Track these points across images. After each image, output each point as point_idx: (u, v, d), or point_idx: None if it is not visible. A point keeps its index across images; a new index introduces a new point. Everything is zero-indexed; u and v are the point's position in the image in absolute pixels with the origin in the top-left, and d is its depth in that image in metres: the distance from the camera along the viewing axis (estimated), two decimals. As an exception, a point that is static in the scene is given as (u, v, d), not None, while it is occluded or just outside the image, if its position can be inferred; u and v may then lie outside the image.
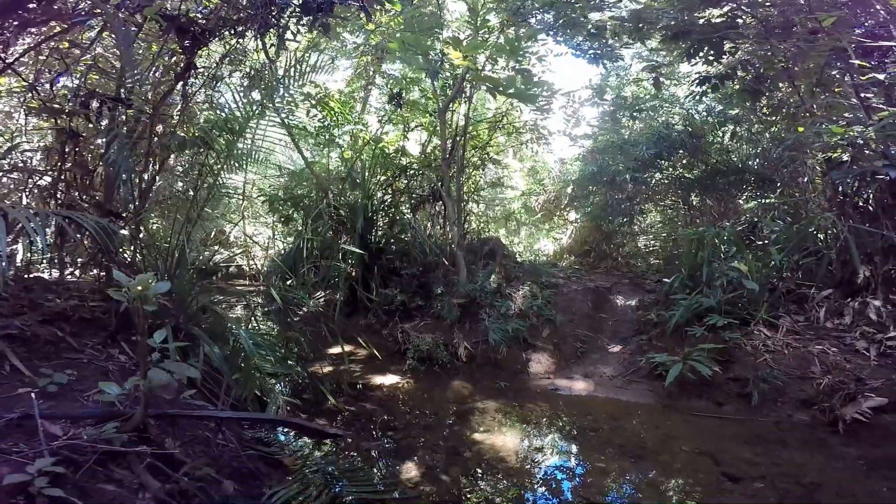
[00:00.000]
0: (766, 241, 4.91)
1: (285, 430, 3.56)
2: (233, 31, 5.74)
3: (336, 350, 5.39)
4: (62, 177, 4.97)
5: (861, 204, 4.25)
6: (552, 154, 9.21)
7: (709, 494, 3.03)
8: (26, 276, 4.55)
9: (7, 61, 4.78)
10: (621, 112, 8.61)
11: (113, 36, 5.07)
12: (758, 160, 7.41)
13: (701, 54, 7.04)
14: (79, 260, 4.91)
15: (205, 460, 2.41)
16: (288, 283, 5.94)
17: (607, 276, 7.10)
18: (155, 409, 2.32)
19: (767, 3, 6.19)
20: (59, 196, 4.91)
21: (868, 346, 3.96)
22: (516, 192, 10.32)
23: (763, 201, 6.75)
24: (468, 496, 3.11)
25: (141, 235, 4.56)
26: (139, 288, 1.98)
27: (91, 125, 4.75)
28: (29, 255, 4.96)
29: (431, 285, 6.21)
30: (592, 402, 4.67)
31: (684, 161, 7.94)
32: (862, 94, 4.41)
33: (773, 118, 6.61)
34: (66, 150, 4.97)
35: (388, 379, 5.06)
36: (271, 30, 5.83)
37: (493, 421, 4.23)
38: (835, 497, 2.90)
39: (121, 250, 4.10)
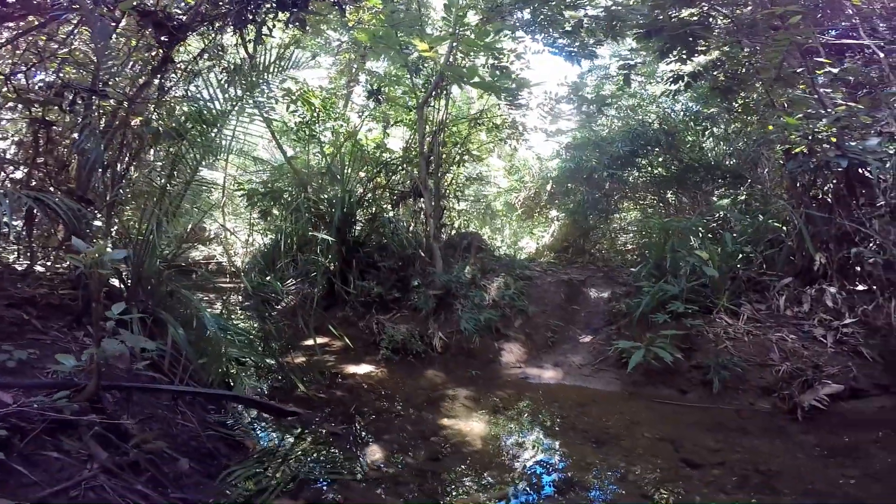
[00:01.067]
0: (735, 234, 5.04)
1: (250, 412, 3.60)
2: (211, 27, 5.80)
3: (311, 342, 5.45)
4: (36, 168, 4.98)
5: (819, 195, 4.38)
6: (532, 151, 9.33)
7: (667, 480, 3.07)
8: (-6, 263, 4.54)
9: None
10: (597, 109, 8.74)
11: (90, 30, 5.11)
12: (732, 157, 7.57)
13: (674, 53, 7.19)
14: (50, 250, 4.91)
15: (156, 434, 2.44)
16: (267, 278, 5.97)
17: (583, 270, 7.21)
18: (110, 381, 2.36)
19: (739, 3, 6.36)
20: (32, 186, 4.91)
21: (825, 333, 4.08)
22: (498, 189, 10.42)
23: (737, 197, 6.89)
24: (430, 477, 3.15)
25: (115, 228, 4.58)
26: (95, 254, 2.02)
27: (64, 114, 4.78)
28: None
29: (409, 278, 6.28)
30: (560, 390, 4.76)
31: (660, 159, 8.09)
32: (820, 90, 4.54)
33: (745, 116, 6.77)
34: (40, 140, 4.98)
35: (362, 368, 5.11)
36: (250, 26, 5.90)
37: (462, 408, 4.29)
38: (792, 484, 2.93)
39: (94, 240, 4.12)
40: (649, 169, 8.32)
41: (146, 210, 4.28)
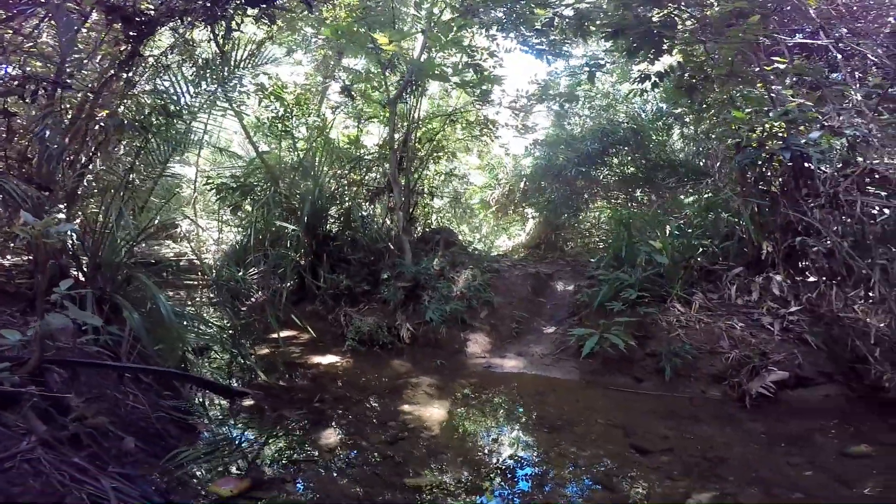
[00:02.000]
0: (691, 228, 5.20)
1: (206, 398, 3.62)
2: (180, 21, 5.80)
3: (282, 334, 5.48)
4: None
5: (767, 187, 4.54)
6: (504, 149, 9.45)
7: (616, 466, 3.13)
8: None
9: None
10: (561, 106, 8.88)
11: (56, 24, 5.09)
12: (700, 156, 7.77)
13: (641, 52, 7.37)
14: (8, 241, 4.87)
15: (100, 411, 2.46)
16: (240, 273, 5.97)
17: (552, 265, 7.33)
18: (53, 355, 2.38)
19: (705, 4, 6.54)
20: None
21: (772, 321, 4.23)
22: (471, 185, 10.53)
23: (702, 194, 7.08)
24: (385, 459, 3.18)
25: (79, 219, 4.56)
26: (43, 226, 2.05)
27: (25, 104, 4.74)
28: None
29: (380, 272, 6.33)
30: (521, 378, 4.85)
31: (630, 158, 8.26)
32: (776, 87, 4.72)
33: (708, 114, 6.96)
34: (1, 131, 4.93)
35: (327, 359, 5.14)
36: (221, 21, 5.91)
37: (423, 395, 4.36)
38: (737, 471, 2.98)
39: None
40: (619, 168, 8.49)
41: (108, 200, 4.28)
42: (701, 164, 7.90)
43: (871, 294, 3.57)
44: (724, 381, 4.21)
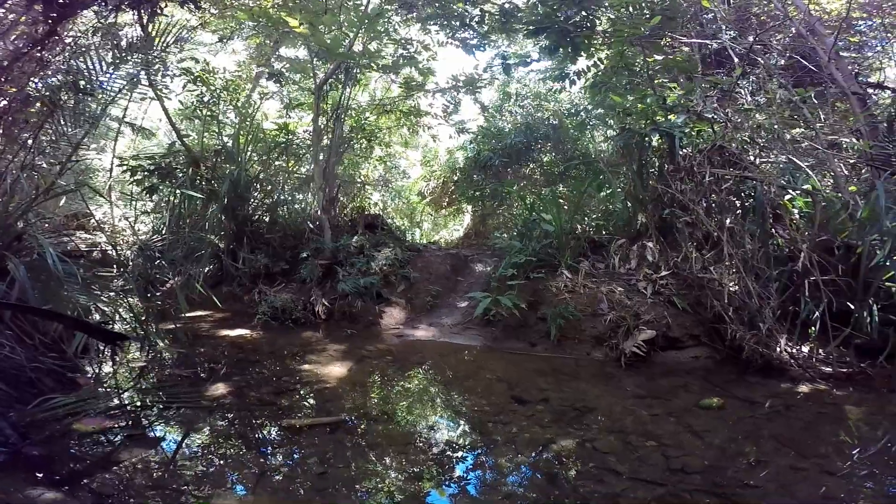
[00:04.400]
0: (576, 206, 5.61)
1: (98, 360, 3.64)
2: (105, 4, 5.74)
3: (195, 314, 5.49)
4: None
5: (646, 166, 5.03)
6: (436, 138, 9.75)
7: (495, 413, 3.37)
8: None
9: None
10: (499, 102, 9.30)
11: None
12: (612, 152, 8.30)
13: (560, 51, 7.84)
14: None
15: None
16: (157, 261, 5.87)
17: (475, 249, 7.66)
18: None
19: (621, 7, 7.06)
20: None
21: (647, 285, 4.67)
22: (413, 181, 10.77)
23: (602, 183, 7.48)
24: (266, 405, 3.30)
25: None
26: None
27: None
28: None
29: (301, 253, 6.43)
30: (428, 344, 5.11)
31: (553, 153, 8.73)
32: (655, 78, 5.21)
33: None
34: None
35: (235, 332, 5.19)
36: (146, 4, 5.89)
37: (327, 358, 4.51)
38: (601, 420, 3.25)
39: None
40: (542, 162, 8.94)
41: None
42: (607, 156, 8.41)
43: (722, 255, 4.03)
44: (605, 343, 4.59)
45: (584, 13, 7.55)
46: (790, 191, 4.25)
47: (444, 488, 2.45)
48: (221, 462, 2.57)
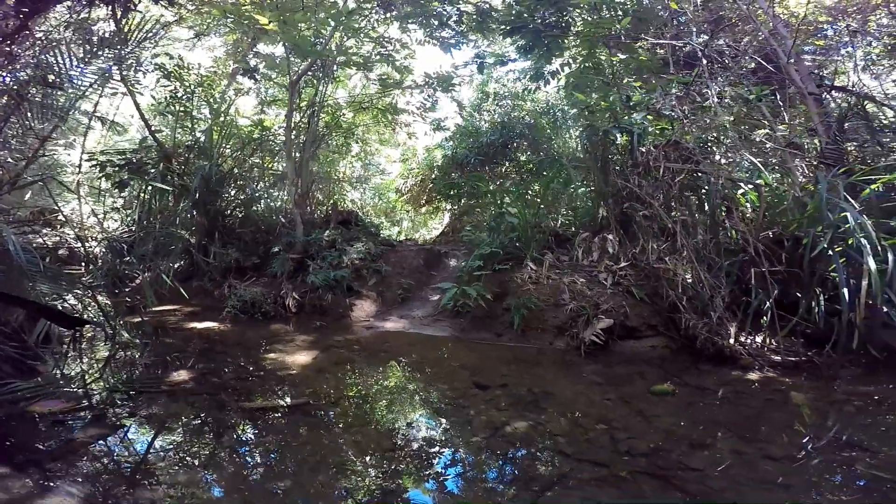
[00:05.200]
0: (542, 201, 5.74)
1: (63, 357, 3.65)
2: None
3: (163, 308, 5.47)
4: None
5: (606, 160, 5.18)
6: (413, 136, 9.85)
7: (456, 397, 3.45)
8: None
9: None
10: (477, 101, 9.41)
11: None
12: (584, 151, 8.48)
13: (535, 51, 8.00)
14: None
15: None
16: (126, 258, 5.85)
17: (450, 245, 7.75)
18: None
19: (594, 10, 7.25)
20: None
21: (607, 276, 4.81)
22: (391, 180, 10.83)
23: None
24: (227, 390, 3.35)
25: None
26: None
27: None
28: None
29: (273, 247, 6.46)
30: (397, 335, 5.19)
31: (528, 152, 8.88)
32: (623, 78, 5.37)
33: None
34: None
35: (203, 325, 5.22)
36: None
37: (294, 348, 4.56)
38: (556, 404, 3.32)
39: None
40: (518, 161, 9.08)
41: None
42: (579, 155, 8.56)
43: (676, 246, 4.18)
44: (566, 333, 4.70)
45: (558, 14, 7.75)
46: (742, 185, 4.43)
47: (395, 464, 2.53)
48: (177, 441, 2.62)
